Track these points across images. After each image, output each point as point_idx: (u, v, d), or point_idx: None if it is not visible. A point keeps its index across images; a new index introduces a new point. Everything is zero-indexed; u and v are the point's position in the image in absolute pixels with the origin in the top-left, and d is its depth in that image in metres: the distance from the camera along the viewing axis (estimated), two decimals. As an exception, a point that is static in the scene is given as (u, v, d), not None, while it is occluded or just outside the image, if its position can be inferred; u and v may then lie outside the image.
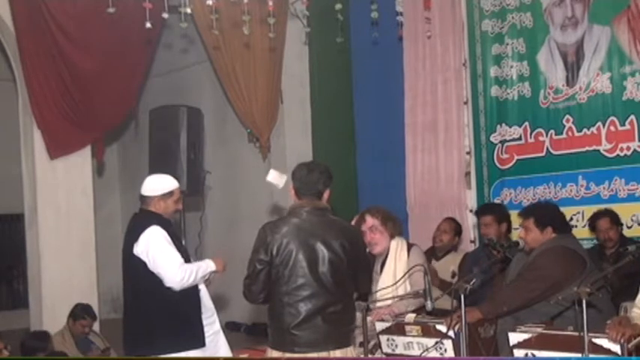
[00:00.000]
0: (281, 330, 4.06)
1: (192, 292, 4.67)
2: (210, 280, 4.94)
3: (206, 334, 4.70)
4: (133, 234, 4.67)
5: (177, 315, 4.60)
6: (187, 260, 4.74)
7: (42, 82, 7.77)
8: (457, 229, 6.77)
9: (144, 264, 4.59)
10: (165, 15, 5.42)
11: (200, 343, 4.66)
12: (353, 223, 5.23)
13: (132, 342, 4.81)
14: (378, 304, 5.05)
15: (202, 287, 4.82)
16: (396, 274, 5.18)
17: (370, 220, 5.27)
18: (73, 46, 7.83)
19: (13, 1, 7.61)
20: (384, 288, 5.03)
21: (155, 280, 4.58)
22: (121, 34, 7.85)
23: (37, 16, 7.66)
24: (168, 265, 4.55)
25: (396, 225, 5.35)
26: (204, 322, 4.72)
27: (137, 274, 4.64)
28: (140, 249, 4.60)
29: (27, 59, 7.73)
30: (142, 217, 4.74)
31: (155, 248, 4.57)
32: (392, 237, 5.30)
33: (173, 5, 5.58)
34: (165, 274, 4.55)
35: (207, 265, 4.78)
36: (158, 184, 4.81)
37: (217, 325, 4.85)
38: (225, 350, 4.82)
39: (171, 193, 4.80)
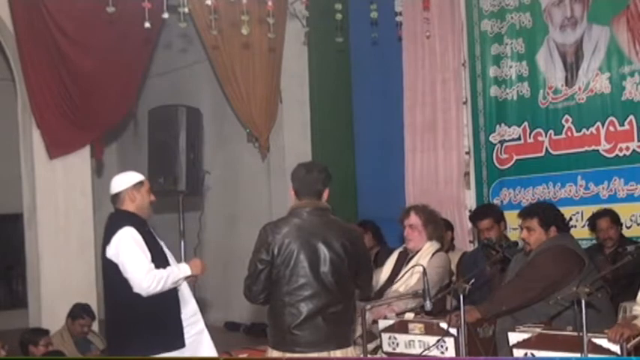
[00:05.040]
0: (282, 330, 4.06)
1: (169, 292, 4.58)
2: (195, 280, 4.86)
3: (187, 334, 4.62)
4: (106, 236, 4.60)
5: (153, 316, 4.52)
6: (164, 263, 4.62)
7: (41, 82, 7.76)
8: (446, 225, 6.76)
9: (116, 266, 4.51)
10: (165, 15, 5.41)
11: (179, 343, 4.58)
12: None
13: (110, 343, 4.80)
14: (385, 296, 5.09)
15: (185, 287, 4.73)
16: (413, 272, 5.22)
17: (413, 218, 5.41)
18: (72, 46, 7.83)
19: (12, 2, 7.60)
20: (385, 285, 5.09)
21: (128, 281, 4.51)
22: (120, 34, 7.84)
23: (36, 16, 7.66)
24: (136, 271, 4.45)
25: (437, 229, 5.48)
26: (186, 323, 4.64)
27: (111, 275, 4.58)
28: (112, 252, 4.52)
29: (26, 59, 7.72)
30: (116, 218, 4.66)
31: (124, 253, 4.48)
32: (430, 239, 5.39)
33: (172, 5, 5.57)
34: (132, 280, 4.46)
35: (180, 271, 4.63)
36: (126, 178, 4.74)
37: (201, 325, 4.74)
38: (209, 350, 4.72)
39: (141, 183, 4.72)
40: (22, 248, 8.30)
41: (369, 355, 4.75)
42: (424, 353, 4.62)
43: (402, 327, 4.79)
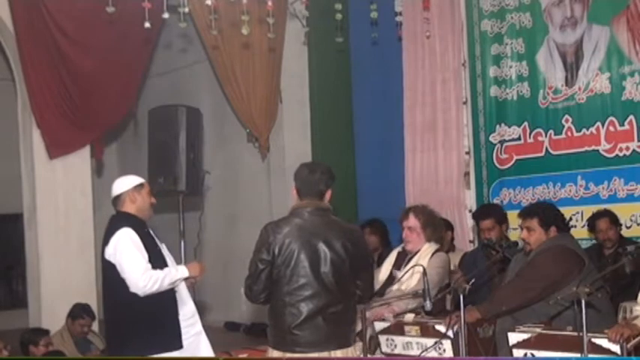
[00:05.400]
0: (282, 330, 4.06)
1: (167, 292, 4.62)
2: (194, 282, 4.89)
3: (186, 336, 4.66)
4: (105, 237, 4.66)
5: (151, 316, 4.56)
6: (162, 264, 4.66)
7: (41, 82, 7.76)
8: (446, 225, 6.77)
9: (114, 266, 4.57)
10: (165, 15, 5.41)
11: (177, 344, 4.62)
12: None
13: (109, 343, 4.85)
14: (385, 297, 5.09)
15: (184, 288, 4.76)
16: (413, 273, 5.23)
17: (412, 220, 5.39)
18: (72, 46, 7.83)
19: (12, 2, 7.61)
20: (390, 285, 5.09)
21: (126, 283, 4.56)
22: (120, 34, 7.85)
23: (36, 16, 7.66)
24: (132, 271, 4.51)
25: (436, 230, 5.45)
26: (184, 324, 4.67)
27: (109, 276, 4.63)
28: (109, 252, 4.59)
29: (26, 59, 7.73)
30: (116, 220, 4.71)
31: (121, 253, 4.54)
32: (429, 240, 5.38)
33: (172, 5, 5.57)
34: (129, 280, 4.52)
35: (178, 272, 4.68)
36: (127, 180, 4.81)
37: (199, 327, 4.79)
38: (206, 352, 4.75)
39: (142, 185, 4.79)
40: (22, 248, 8.30)
41: (368, 355, 4.75)
42: (422, 355, 4.63)
43: (398, 329, 4.80)
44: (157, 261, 4.62)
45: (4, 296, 12.05)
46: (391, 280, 5.32)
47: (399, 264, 5.42)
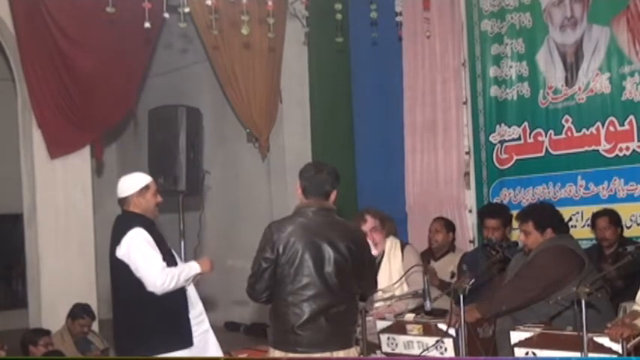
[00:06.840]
0: (284, 330, 4.05)
1: (178, 291, 4.64)
2: (197, 280, 4.91)
3: (194, 334, 4.69)
4: (115, 237, 4.66)
5: (164, 315, 4.58)
6: (173, 262, 4.69)
7: (41, 82, 7.77)
8: (448, 225, 6.77)
9: (127, 266, 4.57)
10: (166, 15, 5.42)
11: (188, 342, 4.64)
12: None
13: (120, 343, 4.84)
14: (377, 304, 5.07)
15: (191, 286, 4.79)
16: (391, 273, 5.23)
17: (371, 221, 5.34)
18: (72, 46, 7.84)
19: (12, 2, 7.61)
20: (382, 289, 5.05)
21: (139, 281, 4.56)
22: (121, 34, 7.85)
23: (36, 16, 7.66)
24: (149, 270, 4.51)
25: (392, 225, 5.47)
26: (193, 322, 4.70)
27: (121, 276, 4.63)
28: (122, 252, 4.58)
29: (26, 59, 7.73)
30: (125, 219, 4.71)
31: (136, 252, 4.54)
32: (387, 236, 5.40)
33: (172, 5, 5.58)
34: (146, 279, 4.52)
35: (191, 269, 4.72)
36: (132, 182, 4.79)
37: (206, 324, 4.82)
38: (214, 349, 4.79)
39: (147, 187, 4.77)
40: (22, 248, 8.30)
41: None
42: (423, 354, 4.63)
43: (400, 328, 4.80)
44: (169, 259, 4.65)
45: (4, 296, 12.05)
46: None
47: None
